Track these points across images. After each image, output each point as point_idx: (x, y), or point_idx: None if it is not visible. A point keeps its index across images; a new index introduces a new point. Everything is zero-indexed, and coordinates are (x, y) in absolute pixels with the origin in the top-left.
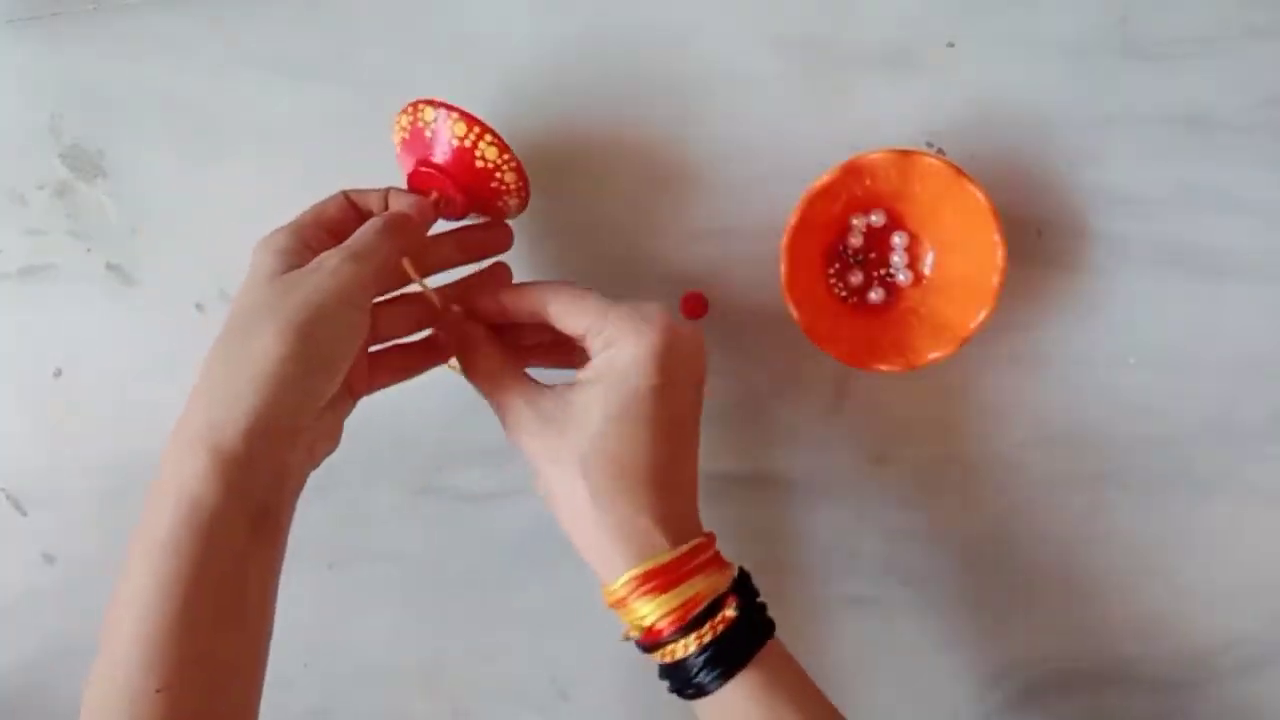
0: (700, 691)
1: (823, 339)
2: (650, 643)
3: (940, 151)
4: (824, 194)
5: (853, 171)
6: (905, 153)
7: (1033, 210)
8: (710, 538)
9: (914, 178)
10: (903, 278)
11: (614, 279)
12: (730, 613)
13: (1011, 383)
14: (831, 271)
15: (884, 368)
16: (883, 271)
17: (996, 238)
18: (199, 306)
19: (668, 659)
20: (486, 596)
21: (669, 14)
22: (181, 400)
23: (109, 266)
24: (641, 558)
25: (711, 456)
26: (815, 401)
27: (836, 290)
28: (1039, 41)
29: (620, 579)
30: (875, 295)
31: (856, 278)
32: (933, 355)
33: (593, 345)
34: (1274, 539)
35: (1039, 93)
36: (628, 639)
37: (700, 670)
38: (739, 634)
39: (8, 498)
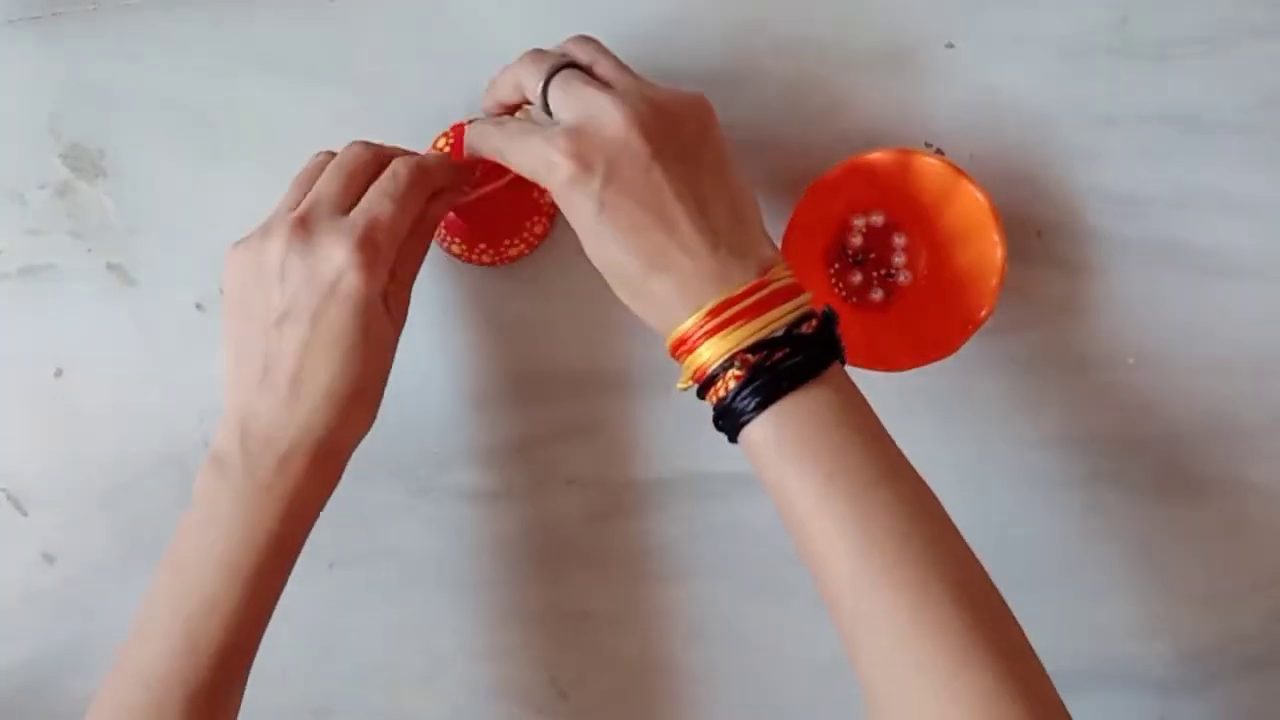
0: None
1: None
2: (705, 380)
3: (939, 152)
4: (824, 194)
5: (853, 171)
6: (905, 153)
7: (1032, 210)
8: (773, 271)
9: (914, 178)
10: (903, 278)
11: None
12: (751, 359)
13: (1011, 383)
14: (831, 272)
15: (884, 368)
16: (883, 272)
17: (996, 238)
18: (199, 306)
19: (720, 395)
20: (486, 596)
21: (668, 15)
22: (183, 399)
23: (109, 266)
24: (693, 308)
25: (710, 457)
26: None
27: (836, 290)
28: (1039, 41)
29: (680, 326)
30: (875, 295)
31: (856, 278)
32: (931, 356)
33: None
34: (1272, 539)
35: (1039, 93)
36: (680, 387)
37: (744, 399)
38: (781, 368)
39: (8, 497)
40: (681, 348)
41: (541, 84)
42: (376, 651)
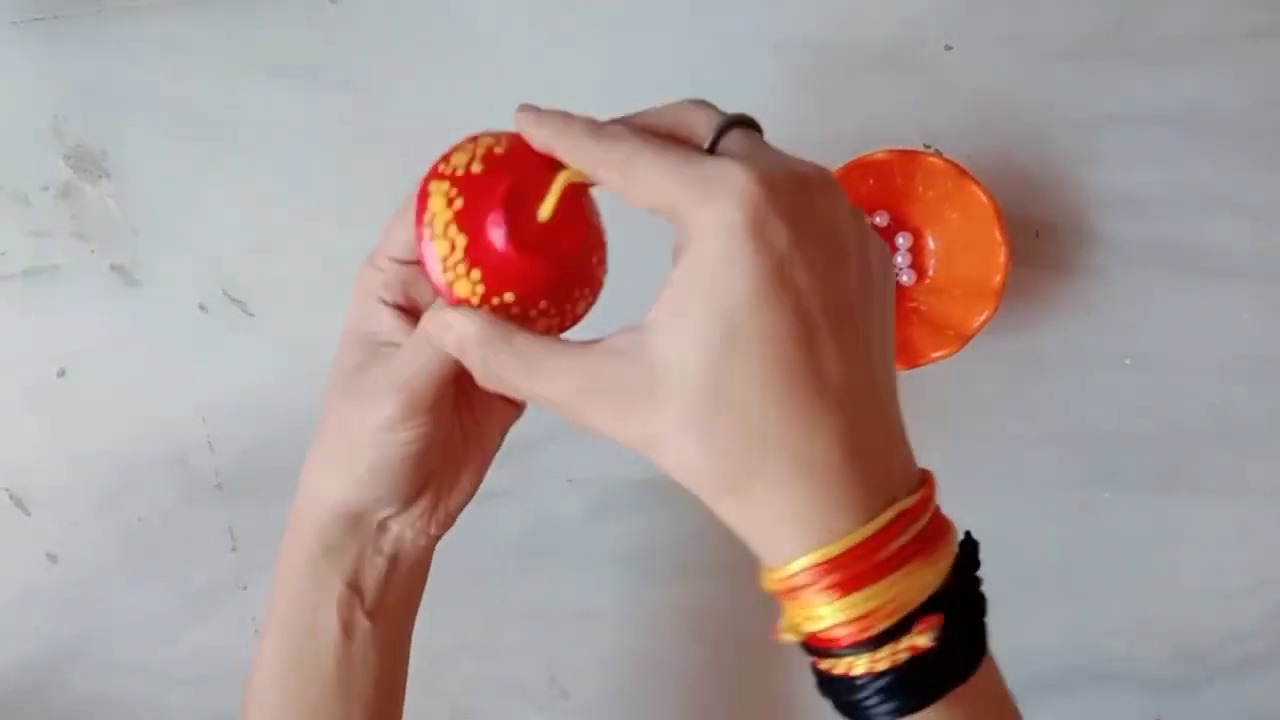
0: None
1: None
2: (819, 647)
3: (938, 152)
4: None
5: (856, 171)
6: (909, 153)
7: (1032, 211)
8: (923, 492)
9: (918, 178)
10: (905, 278)
11: (614, 280)
12: (922, 641)
13: (1010, 383)
14: None
15: None
16: None
17: (999, 237)
18: (202, 307)
19: (835, 671)
20: (486, 596)
21: (669, 15)
22: (183, 399)
23: (112, 267)
24: (814, 542)
25: None
26: None
27: None
28: (1038, 42)
29: (789, 567)
30: None
31: None
32: (935, 355)
33: (678, 234)
34: (1271, 539)
35: (1039, 93)
36: (786, 639)
37: (872, 698)
38: (932, 663)
39: (11, 497)
40: (801, 584)
41: (716, 130)
42: None
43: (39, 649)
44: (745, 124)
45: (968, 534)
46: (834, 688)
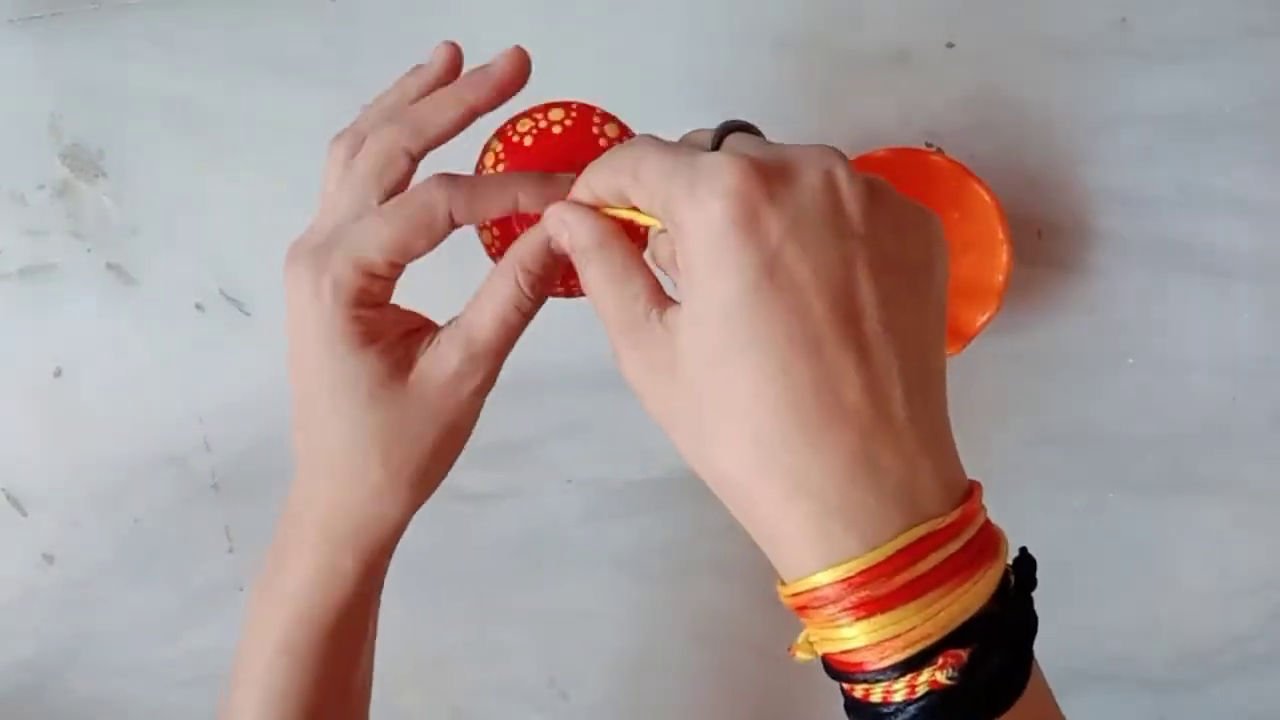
0: None
1: None
2: (843, 670)
3: (939, 151)
4: None
5: (859, 169)
6: (910, 151)
7: (1033, 211)
8: (965, 508)
9: (919, 177)
10: None
11: None
12: (941, 678)
13: (1012, 383)
14: None
15: None
16: None
17: (1001, 236)
18: (199, 306)
19: (870, 698)
20: (486, 596)
21: (669, 14)
22: (180, 399)
23: (109, 266)
24: (828, 561)
25: None
26: None
27: None
28: (1039, 41)
29: (801, 584)
30: None
31: None
32: None
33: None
34: (1273, 539)
35: (1039, 93)
36: (802, 658)
37: None
38: (962, 698)
39: (8, 498)
40: (810, 605)
41: (716, 136)
42: (376, 651)
43: (37, 650)
44: (745, 128)
45: (1023, 551)
46: (861, 713)
